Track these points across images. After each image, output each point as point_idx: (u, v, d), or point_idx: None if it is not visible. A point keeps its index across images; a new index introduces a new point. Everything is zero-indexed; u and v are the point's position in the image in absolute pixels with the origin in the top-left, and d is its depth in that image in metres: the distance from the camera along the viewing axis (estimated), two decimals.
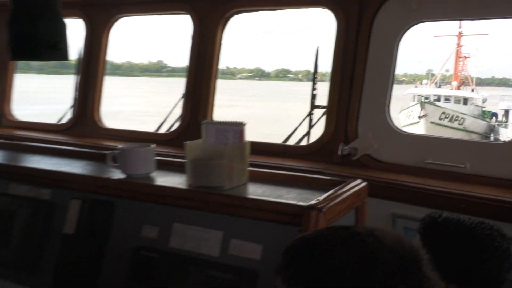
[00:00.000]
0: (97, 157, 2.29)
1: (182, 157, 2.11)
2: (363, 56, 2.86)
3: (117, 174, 1.86)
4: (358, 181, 1.75)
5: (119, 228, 1.69)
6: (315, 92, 3.40)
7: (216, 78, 3.43)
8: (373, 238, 0.99)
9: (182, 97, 3.52)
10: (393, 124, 2.86)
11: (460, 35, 29.76)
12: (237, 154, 1.72)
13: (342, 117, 2.94)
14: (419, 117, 22.71)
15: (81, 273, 1.63)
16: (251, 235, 1.49)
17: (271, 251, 1.45)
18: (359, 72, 2.88)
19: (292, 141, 3.46)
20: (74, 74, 3.93)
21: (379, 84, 2.85)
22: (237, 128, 1.73)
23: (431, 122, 22.52)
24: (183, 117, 3.47)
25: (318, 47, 3.46)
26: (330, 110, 2.99)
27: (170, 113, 3.90)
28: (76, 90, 3.87)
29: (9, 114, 4.13)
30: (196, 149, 1.70)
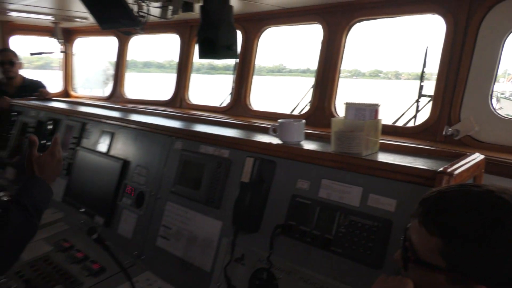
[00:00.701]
0: (256, 129, 2.35)
1: (314, 132, 2.07)
2: (469, 54, 2.56)
3: (276, 140, 1.88)
4: (477, 154, 1.58)
5: (279, 180, 1.71)
6: (422, 84, 3.15)
7: (339, 74, 3.32)
8: (508, 195, 0.86)
9: (312, 87, 3.47)
10: (495, 111, 2.54)
11: None
12: (372, 128, 1.64)
13: (446, 104, 2.67)
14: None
15: (253, 210, 1.69)
16: (386, 192, 1.42)
17: (403, 205, 1.37)
18: (464, 67, 2.58)
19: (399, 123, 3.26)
20: (232, 72, 4.07)
21: (483, 77, 2.53)
22: (373, 108, 1.65)
23: (506, 114, 19.92)
24: (312, 103, 3.42)
25: (427, 48, 3.18)
26: (436, 98, 2.73)
27: (301, 100, 3.88)
28: (233, 82, 4.01)
29: (187, 99, 4.41)
30: (339, 123, 1.65)
